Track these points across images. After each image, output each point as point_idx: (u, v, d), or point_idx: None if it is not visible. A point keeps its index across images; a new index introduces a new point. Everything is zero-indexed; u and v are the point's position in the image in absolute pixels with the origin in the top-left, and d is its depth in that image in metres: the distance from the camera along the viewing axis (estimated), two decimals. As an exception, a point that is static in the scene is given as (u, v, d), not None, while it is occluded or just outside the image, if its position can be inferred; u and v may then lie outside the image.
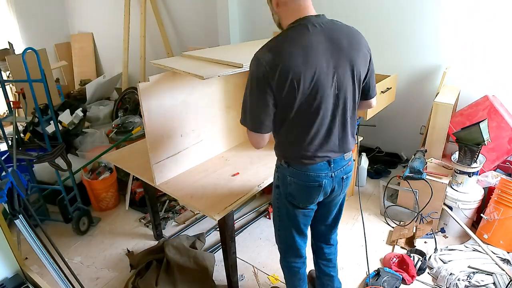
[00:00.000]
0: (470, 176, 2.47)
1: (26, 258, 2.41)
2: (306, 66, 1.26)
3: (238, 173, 2.09)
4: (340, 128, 1.43)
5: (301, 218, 1.60)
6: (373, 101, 1.59)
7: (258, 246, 2.57)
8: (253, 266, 2.39)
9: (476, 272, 2.15)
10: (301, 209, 1.57)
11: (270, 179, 2.02)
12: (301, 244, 1.70)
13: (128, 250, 2.54)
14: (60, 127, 3.22)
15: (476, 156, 2.41)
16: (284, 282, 1.94)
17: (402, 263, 2.28)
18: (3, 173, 1.35)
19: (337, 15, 3.39)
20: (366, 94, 1.51)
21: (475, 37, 2.84)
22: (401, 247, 2.48)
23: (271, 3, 1.40)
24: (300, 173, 1.45)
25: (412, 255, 2.34)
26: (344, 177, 1.53)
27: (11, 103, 2.62)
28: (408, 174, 2.48)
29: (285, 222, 1.64)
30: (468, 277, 2.11)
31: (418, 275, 2.24)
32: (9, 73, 4.05)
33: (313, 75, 1.27)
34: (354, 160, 2.74)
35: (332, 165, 1.46)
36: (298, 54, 1.25)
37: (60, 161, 2.53)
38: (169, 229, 2.80)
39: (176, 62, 1.90)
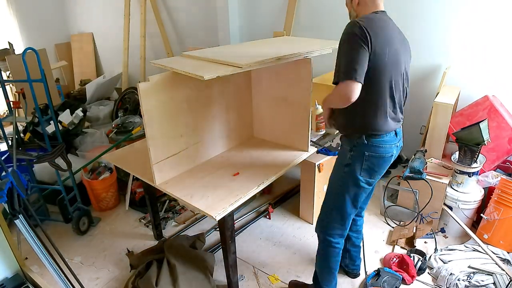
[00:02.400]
0: (470, 176, 2.47)
1: (26, 258, 2.41)
2: (386, 38, 1.54)
3: (238, 173, 2.09)
4: (401, 101, 1.70)
5: (362, 194, 1.78)
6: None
7: (258, 246, 2.57)
8: (253, 266, 2.39)
9: (476, 272, 2.15)
10: (368, 184, 1.74)
11: (270, 179, 2.02)
12: (349, 222, 1.88)
13: (128, 250, 2.54)
14: (60, 127, 3.22)
15: (476, 156, 2.41)
16: (318, 271, 2.01)
17: (402, 263, 2.28)
18: (3, 173, 1.35)
19: (336, 12, 3.40)
20: None
21: (475, 37, 2.84)
22: (401, 247, 2.48)
23: (351, 3, 1.67)
24: (377, 147, 1.66)
25: (412, 255, 2.34)
26: (401, 146, 1.78)
27: (11, 103, 2.62)
28: (408, 174, 2.48)
29: (345, 200, 1.78)
30: (468, 277, 2.11)
31: (418, 275, 2.24)
32: (9, 73, 4.05)
33: (392, 47, 1.55)
34: None
35: (398, 136, 1.72)
36: (382, 27, 1.55)
37: (60, 161, 2.53)
38: (169, 229, 2.80)
39: (176, 62, 1.90)
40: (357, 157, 1.69)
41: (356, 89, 1.51)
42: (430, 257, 2.35)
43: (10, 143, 2.66)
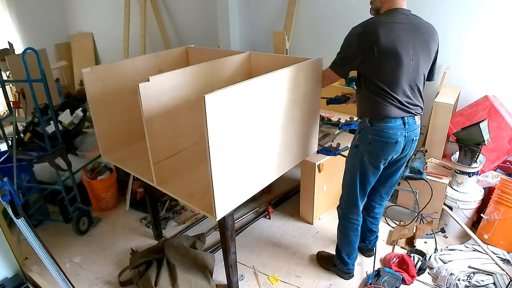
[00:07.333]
0: (470, 176, 2.47)
1: (26, 258, 2.41)
2: (388, 36, 1.67)
3: (238, 173, 2.08)
4: (412, 93, 1.80)
5: (371, 176, 1.93)
6: (430, 83, 2.11)
7: (258, 246, 2.57)
8: (253, 266, 2.39)
9: (476, 272, 2.15)
10: (374, 167, 1.88)
11: (270, 180, 2.02)
12: (362, 201, 2.05)
13: (132, 250, 2.54)
14: (60, 127, 3.22)
15: (476, 156, 2.41)
16: (339, 244, 2.19)
17: (402, 263, 2.28)
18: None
19: (336, 12, 3.40)
20: (427, 76, 1.90)
21: (475, 37, 2.84)
22: (401, 247, 2.48)
23: None
24: (380, 130, 1.79)
25: (412, 255, 2.34)
26: (414, 139, 1.88)
27: (11, 103, 2.62)
28: (408, 174, 2.47)
29: (354, 179, 1.95)
30: (468, 277, 2.12)
31: (418, 275, 2.24)
32: (9, 73, 4.04)
33: (392, 44, 1.67)
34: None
35: (406, 125, 1.81)
36: (383, 27, 1.68)
37: (60, 161, 2.53)
38: (170, 229, 2.80)
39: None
40: (363, 139, 1.86)
41: (334, 77, 1.92)
42: (430, 257, 2.35)
43: (10, 143, 2.66)
